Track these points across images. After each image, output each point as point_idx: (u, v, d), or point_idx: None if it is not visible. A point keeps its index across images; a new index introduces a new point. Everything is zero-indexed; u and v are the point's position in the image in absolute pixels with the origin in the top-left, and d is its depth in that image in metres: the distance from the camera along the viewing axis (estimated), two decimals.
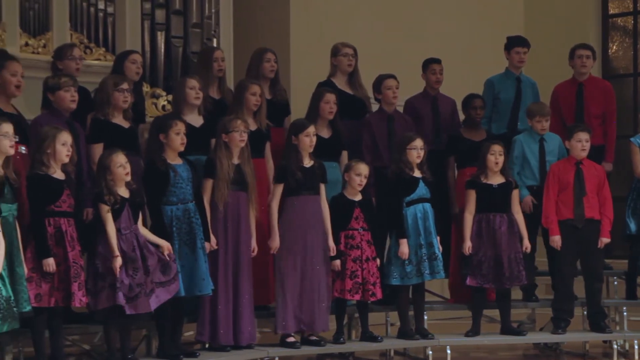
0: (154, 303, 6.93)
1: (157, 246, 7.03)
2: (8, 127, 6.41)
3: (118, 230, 6.88)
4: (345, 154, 8.37)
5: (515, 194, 8.35)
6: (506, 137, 8.85)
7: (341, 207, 7.91)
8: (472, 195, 8.29)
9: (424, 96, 9.14)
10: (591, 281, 8.48)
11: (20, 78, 7.17)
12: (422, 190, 8.10)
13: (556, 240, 8.37)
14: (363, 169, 7.92)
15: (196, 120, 7.81)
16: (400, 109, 8.98)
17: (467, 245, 8.23)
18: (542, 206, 8.43)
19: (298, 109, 8.66)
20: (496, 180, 8.31)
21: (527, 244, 8.31)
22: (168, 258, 7.02)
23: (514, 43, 9.29)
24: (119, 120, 7.55)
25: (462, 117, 9.04)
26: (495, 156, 8.24)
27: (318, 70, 9.06)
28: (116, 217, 6.87)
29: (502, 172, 8.30)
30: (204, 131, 7.79)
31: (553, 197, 8.39)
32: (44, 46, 9.03)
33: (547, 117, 8.69)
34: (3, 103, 7.11)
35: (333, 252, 7.78)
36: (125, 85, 7.56)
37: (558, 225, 8.37)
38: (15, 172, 6.47)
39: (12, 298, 6.20)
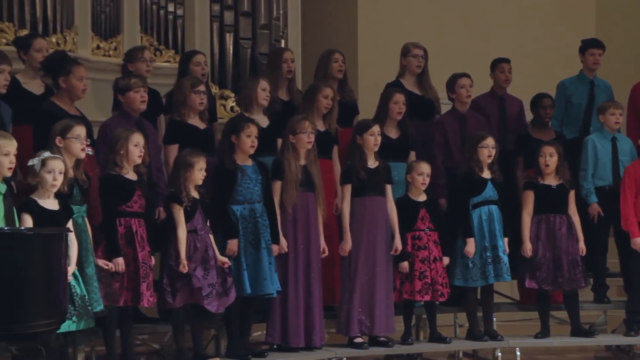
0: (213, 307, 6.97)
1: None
2: (80, 130, 6.43)
3: (194, 231, 6.91)
4: (413, 154, 8.32)
5: (572, 195, 8.23)
6: (578, 142, 8.75)
7: (406, 209, 7.86)
8: (530, 197, 8.18)
9: (491, 96, 9.09)
10: None
11: (85, 81, 7.22)
12: (489, 192, 8.02)
13: (638, 242, 8.23)
14: (424, 167, 7.86)
15: (262, 120, 7.79)
16: None
17: (527, 247, 8.12)
18: (620, 208, 8.28)
19: (366, 109, 8.64)
20: (554, 181, 8.20)
21: (582, 246, 8.19)
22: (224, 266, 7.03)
23: (589, 45, 9.17)
24: (195, 121, 7.60)
25: (530, 116, 8.96)
26: (545, 158, 8.13)
27: (386, 71, 9.04)
28: (189, 218, 6.90)
29: (558, 173, 8.18)
30: (270, 132, 7.80)
31: (631, 199, 8.24)
32: (115, 49, 9.14)
33: (621, 110, 8.56)
34: (68, 105, 7.14)
35: (395, 252, 7.72)
36: (202, 88, 7.62)
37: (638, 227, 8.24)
38: (84, 174, 6.51)
39: (87, 296, 6.25)
